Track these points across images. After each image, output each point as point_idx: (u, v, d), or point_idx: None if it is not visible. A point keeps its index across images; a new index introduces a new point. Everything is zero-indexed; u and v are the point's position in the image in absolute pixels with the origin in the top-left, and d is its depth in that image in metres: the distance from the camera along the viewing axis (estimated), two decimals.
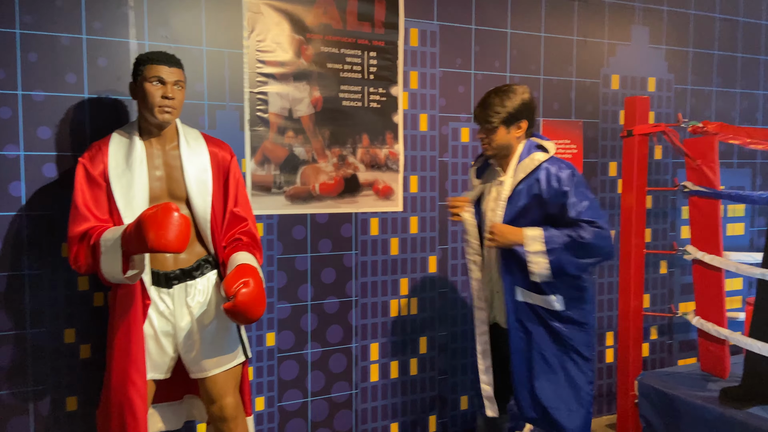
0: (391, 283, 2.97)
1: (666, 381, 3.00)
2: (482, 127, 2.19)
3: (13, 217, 2.25)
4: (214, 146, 2.20)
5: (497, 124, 2.15)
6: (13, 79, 2.24)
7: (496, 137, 2.17)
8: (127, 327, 2.01)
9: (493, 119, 2.14)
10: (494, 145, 2.18)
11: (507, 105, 2.13)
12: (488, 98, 2.17)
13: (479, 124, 2.21)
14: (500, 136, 2.16)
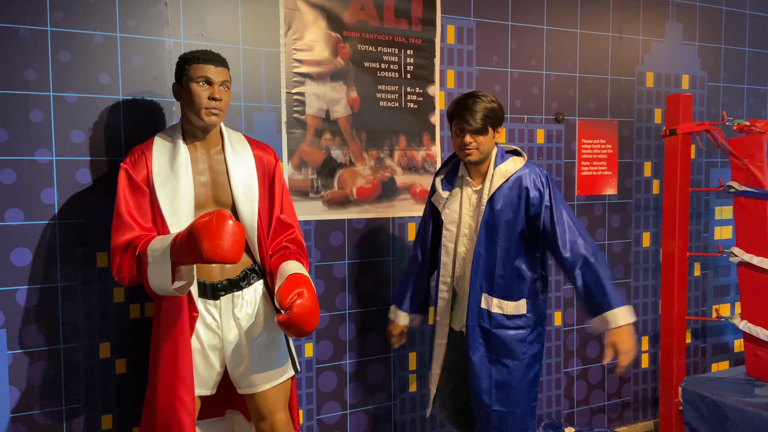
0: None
1: (712, 387, 2.92)
2: (469, 131, 2.09)
3: (45, 226, 2.13)
4: (259, 150, 2.09)
5: (487, 125, 2.09)
6: (44, 80, 2.11)
7: (484, 141, 2.10)
8: (173, 341, 1.90)
9: (483, 121, 2.07)
10: (482, 149, 2.11)
11: (490, 108, 2.09)
12: (470, 101, 2.09)
13: (466, 127, 2.08)
14: (488, 140, 2.11)
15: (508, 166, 2.14)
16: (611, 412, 3.40)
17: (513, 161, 2.16)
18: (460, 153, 2.15)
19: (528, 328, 2.17)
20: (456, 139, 2.14)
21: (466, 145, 2.10)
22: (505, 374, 2.16)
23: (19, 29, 2.08)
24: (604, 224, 3.31)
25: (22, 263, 2.11)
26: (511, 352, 2.16)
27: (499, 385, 2.17)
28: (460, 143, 2.12)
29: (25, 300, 2.12)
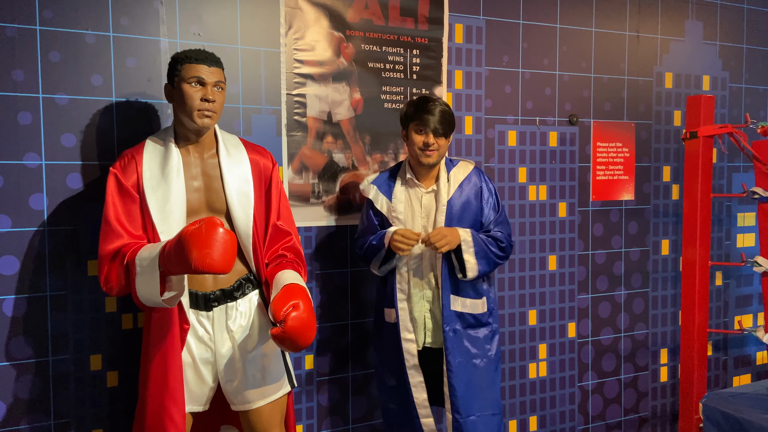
0: None
1: (734, 403, 2.77)
2: (433, 133, 2.12)
3: (33, 233, 2.05)
4: (255, 153, 1.99)
5: (447, 130, 2.16)
6: (33, 81, 2.03)
7: (444, 144, 2.18)
8: (163, 354, 1.80)
9: (444, 125, 2.14)
10: (441, 152, 2.18)
11: (449, 113, 2.17)
12: (431, 105, 2.14)
13: (430, 129, 2.12)
14: (446, 144, 2.19)
15: (460, 169, 2.25)
16: (628, 428, 3.26)
17: (463, 165, 2.27)
18: (420, 154, 2.16)
19: (491, 325, 2.26)
20: (417, 139, 2.14)
21: (429, 146, 2.12)
22: (479, 375, 2.19)
23: (6, 28, 2.00)
24: (620, 231, 3.18)
25: (9, 272, 2.02)
26: (481, 350, 2.20)
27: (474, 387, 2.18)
28: (422, 143, 2.13)
29: (12, 310, 2.03)
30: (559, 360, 3.05)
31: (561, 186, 3.01)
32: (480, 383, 2.19)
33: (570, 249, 3.05)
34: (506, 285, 2.90)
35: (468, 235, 2.14)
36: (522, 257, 2.93)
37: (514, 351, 2.94)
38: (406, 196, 2.23)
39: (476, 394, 2.18)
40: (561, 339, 3.06)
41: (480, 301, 2.22)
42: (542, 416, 3.02)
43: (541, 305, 2.99)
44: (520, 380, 2.96)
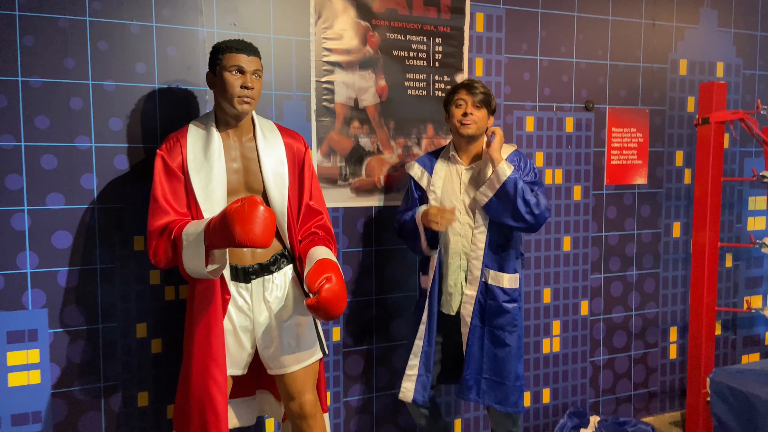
0: None
1: (741, 378, 2.89)
2: (472, 103, 2.25)
3: (84, 210, 2.22)
4: (289, 137, 2.14)
5: (485, 103, 2.27)
6: (83, 69, 2.19)
7: (481, 117, 2.27)
8: (207, 322, 1.96)
9: (483, 96, 2.26)
10: (479, 125, 2.27)
11: (488, 92, 2.28)
12: (474, 82, 2.29)
13: (470, 99, 2.25)
14: (483, 118, 2.28)
15: (504, 149, 2.33)
16: (637, 402, 3.40)
17: (506, 147, 2.36)
18: (459, 126, 2.28)
19: (519, 301, 2.36)
20: (456, 112, 2.28)
21: (467, 116, 2.25)
22: (502, 345, 2.32)
23: (59, 19, 2.15)
24: (633, 214, 3.29)
25: (63, 246, 2.20)
26: (508, 324, 2.31)
27: (494, 356, 2.32)
28: (461, 114, 2.27)
29: (65, 281, 2.21)
30: (572, 336, 3.19)
31: (576, 170, 3.13)
32: (502, 353, 2.32)
33: (584, 231, 3.17)
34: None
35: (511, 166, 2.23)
36: (537, 238, 3.06)
37: (529, 327, 3.08)
38: (447, 172, 2.34)
39: (498, 361, 2.31)
40: (574, 316, 3.19)
41: (513, 277, 2.33)
42: (555, 389, 3.17)
43: (555, 284, 3.13)
44: (534, 355, 3.10)
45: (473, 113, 2.25)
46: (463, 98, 2.27)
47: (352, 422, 2.74)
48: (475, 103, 2.26)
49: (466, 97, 2.27)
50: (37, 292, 2.17)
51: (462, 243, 2.32)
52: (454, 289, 2.36)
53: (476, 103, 2.26)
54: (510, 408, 2.34)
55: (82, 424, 2.26)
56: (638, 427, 3.10)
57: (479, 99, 2.26)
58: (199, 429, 1.99)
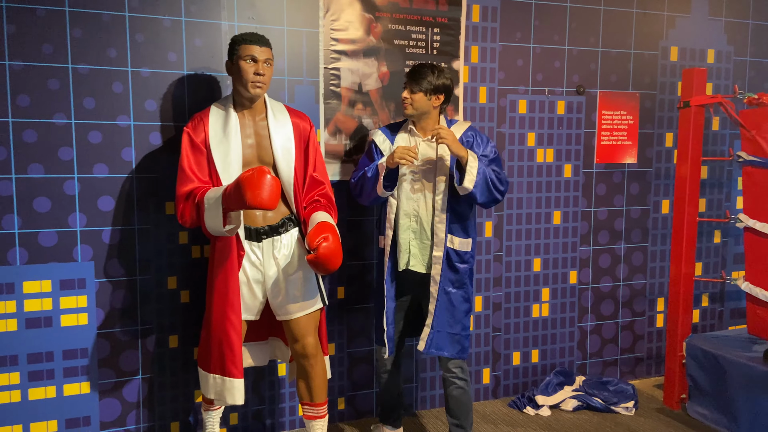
0: None
1: (713, 342, 3.15)
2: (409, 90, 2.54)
3: (125, 179, 2.61)
4: (296, 117, 2.47)
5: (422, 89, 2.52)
6: (123, 58, 2.56)
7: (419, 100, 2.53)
8: (225, 274, 2.33)
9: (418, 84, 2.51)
10: (415, 105, 2.54)
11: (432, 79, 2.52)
12: (416, 68, 2.55)
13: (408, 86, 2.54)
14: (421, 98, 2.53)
15: (459, 126, 2.64)
16: (624, 366, 3.67)
17: (461, 123, 2.67)
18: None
19: (471, 262, 2.65)
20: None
21: (404, 100, 2.56)
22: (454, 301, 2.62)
23: (103, 14, 2.52)
24: (622, 191, 3.54)
25: (106, 209, 2.59)
26: (463, 284, 2.63)
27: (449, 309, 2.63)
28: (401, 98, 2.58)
29: (109, 238, 2.61)
30: (561, 303, 3.48)
31: (567, 149, 3.39)
32: (454, 307, 2.62)
33: (574, 206, 3.44)
34: (513, 235, 3.33)
35: (476, 157, 2.49)
36: (529, 212, 3.35)
37: (519, 293, 3.38)
38: (407, 142, 2.62)
39: (450, 314, 2.62)
40: (563, 285, 3.47)
41: (467, 241, 2.61)
42: (543, 350, 3.47)
43: (546, 254, 3.41)
44: (524, 318, 3.40)
45: (408, 97, 2.53)
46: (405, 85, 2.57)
47: (354, 370, 3.10)
48: (412, 89, 2.53)
49: (407, 84, 2.56)
50: (85, 248, 2.58)
51: (413, 206, 2.61)
52: (403, 247, 2.64)
53: (413, 89, 2.52)
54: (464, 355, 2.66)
55: (122, 360, 2.67)
56: (620, 386, 3.38)
57: (410, 86, 2.53)
58: (218, 363, 2.37)
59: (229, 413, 2.86)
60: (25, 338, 2.51)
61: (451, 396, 2.69)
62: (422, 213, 2.61)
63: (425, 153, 2.60)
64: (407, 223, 2.63)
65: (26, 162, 2.47)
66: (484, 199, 2.53)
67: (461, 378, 2.67)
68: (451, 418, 2.72)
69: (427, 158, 2.59)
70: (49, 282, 2.53)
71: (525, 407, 3.27)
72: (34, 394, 2.54)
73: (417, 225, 2.62)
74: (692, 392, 3.20)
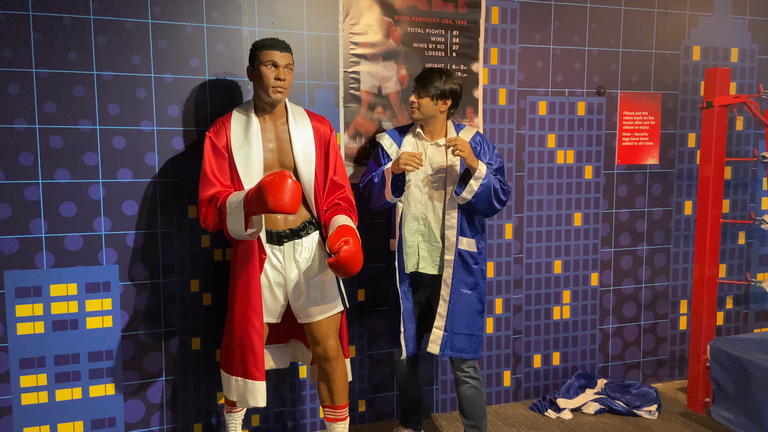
0: None
1: (737, 345, 3.11)
2: (417, 94, 2.56)
3: (148, 183, 2.64)
4: (317, 121, 2.49)
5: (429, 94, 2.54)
6: (147, 64, 2.60)
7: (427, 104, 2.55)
8: (246, 277, 2.35)
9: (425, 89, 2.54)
10: (422, 110, 2.57)
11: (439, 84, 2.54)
12: (424, 72, 2.58)
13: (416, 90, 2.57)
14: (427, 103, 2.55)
15: (467, 132, 2.66)
16: (646, 369, 3.63)
17: (469, 128, 2.68)
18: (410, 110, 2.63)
19: (483, 262, 2.68)
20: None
21: (412, 104, 2.58)
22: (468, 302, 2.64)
23: (126, 21, 2.56)
24: (644, 192, 3.50)
25: (131, 213, 2.63)
26: (476, 284, 2.64)
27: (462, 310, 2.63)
28: (410, 101, 2.61)
29: (133, 242, 2.65)
30: (582, 305, 3.45)
31: (588, 151, 3.37)
32: (469, 309, 2.63)
33: (595, 207, 3.42)
34: (534, 237, 3.31)
35: (485, 168, 2.50)
36: (549, 214, 3.33)
37: (540, 295, 3.36)
38: (414, 146, 2.65)
39: (465, 316, 2.62)
40: (584, 287, 3.45)
41: (474, 242, 2.63)
42: (565, 353, 3.45)
43: (566, 256, 3.39)
44: (545, 320, 3.39)
45: (416, 101, 2.56)
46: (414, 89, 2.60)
47: (375, 373, 3.11)
48: (419, 93, 2.55)
49: (415, 88, 2.59)
50: (110, 251, 2.62)
51: (421, 209, 2.62)
52: (411, 250, 2.65)
53: (420, 93, 2.55)
54: (478, 356, 2.68)
55: (146, 362, 2.71)
56: (642, 389, 3.34)
57: (417, 90, 2.56)
58: (240, 366, 2.39)
59: (251, 415, 2.89)
60: (52, 340, 2.56)
61: (465, 396, 2.69)
62: (430, 216, 2.63)
63: (432, 157, 2.62)
64: (415, 226, 2.65)
65: (53, 167, 2.52)
66: (484, 208, 2.56)
67: (474, 377, 2.68)
68: (466, 420, 2.73)
69: (435, 162, 2.61)
70: (75, 285, 2.58)
71: (546, 410, 3.25)
72: (61, 396, 2.59)
73: (425, 228, 2.64)
74: (716, 396, 3.16)
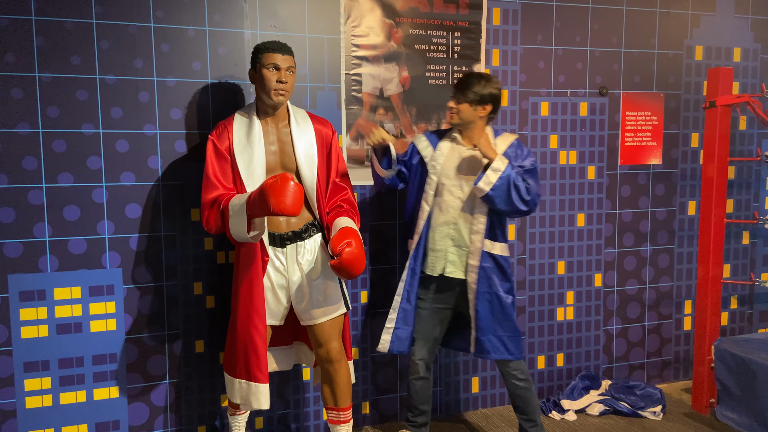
0: None
1: (742, 346, 3.09)
2: (455, 100, 2.56)
3: (151, 186, 2.65)
4: (319, 124, 2.49)
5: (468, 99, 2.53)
6: (149, 68, 2.61)
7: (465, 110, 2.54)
8: (249, 280, 2.36)
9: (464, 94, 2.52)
10: (461, 115, 2.56)
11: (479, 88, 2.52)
12: (463, 78, 2.56)
13: (454, 95, 2.57)
14: (466, 108, 2.54)
15: (505, 138, 2.63)
16: (651, 370, 3.62)
17: (506, 135, 2.65)
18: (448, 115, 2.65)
19: (509, 266, 2.67)
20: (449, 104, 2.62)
21: (450, 109, 2.58)
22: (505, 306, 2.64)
23: (129, 26, 2.57)
24: (647, 192, 3.49)
25: (134, 216, 2.64)
26: (510, 287, 2.64)
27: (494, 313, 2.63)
28: (448, 106, 2.61)
29: (136, 245, 2.65)
30: (586, 306, 3.45)
31: (590, 151, 3.36)
32: (505, 311, 2.63)
33: (598, 208, 3.41)
34: (537, 238, 3.31)
35: (506, 164, 2.46)
36: (552, 214, 3.32)
37: (543, 296, 3.36)
38: (450, 150, 2.63)
39: (496, 318, 2.62)
40: (588, 288, 3.44)
41: (506, 246, 2.65)
42: (569, 354, 3.44)
43: (570, 257, 3.38)
44: (549, 322, 3.38)
45: (454, 106, 2.56)
46: (452, 94, 2.59)
47: (378, 374, 3.10)
48: (458, 99, 2.54)
49: (453, 93, 2.58)
50: (113, 254, 2.62)
51: (452, 214, 2.60)
52: (439, 254, 2.63)
53: (459, 99, 2.54)
54: (519, 356, 2.67)
55: (150, 365, 2.72)
56: (647, 390, 3.33)
57: (455, 95, 2.55)
58: (243, 368, 2.40)
59: (255, 417, 2.89)
60: (56, 344, 2.57)
61: (517, 396, 2.72)
62: (461, 221, 2.61)
63: (472, 163, 2.59)
64: (445, 231, 2.63)
65: (56, 171, 2.53)
66: (504, 206, 2.50)
67: (522, 378, 2.69)
68: (520, 414, 2.76)
69: (470, 167, 2.59)
70: (79, 288, 2.59)
71: (550, 411, 3.24)
72: (65, 399, 2.60)
73: (456, 233, 2.62)
74: (721, 396, 3.15)
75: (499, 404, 3.35)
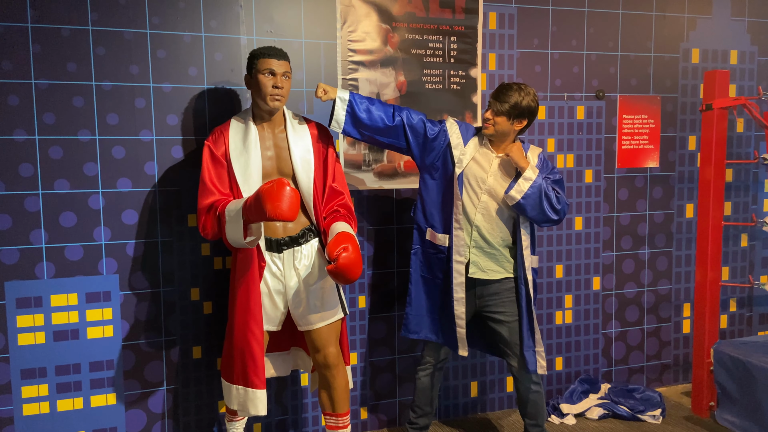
0: None
1: (741, 349, 3.08)
2: (494, 111, 2.54)
3: (148, 192, 2.65)
4: (315, 129, 2.49)
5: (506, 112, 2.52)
6: (146, 74, 2.61)
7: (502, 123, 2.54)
8: (246, 285, 2.35)
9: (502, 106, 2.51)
10: (498, 128, 2.55)
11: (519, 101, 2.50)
12: (502, 88, 2.53)
13: (493, 106, 2.54)
14: (503, 121, 2.54)
15: (534, 152, 2.65)
16: (650, 373, 3.61)
17: (534, 148, 2.66)
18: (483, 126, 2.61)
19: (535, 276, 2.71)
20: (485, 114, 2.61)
21: (486, 120, 2.57)
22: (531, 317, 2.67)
23: (124, 32, 2.58)
24: (645, 195, 3.49)
25: (130, 222, 2.64)
26: (537, 299, 2.64)
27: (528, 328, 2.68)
28: (484, 117, 2.60)
29: (133, 251, 2.65)
30: (584, 309, 3.44)
31: (587, 155, 3.36)
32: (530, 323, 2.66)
33: (595, 211, 3.41)
34: (535, 242, 3.29)
35: (536, 173, 2.49)
36: None
37: (542, 300, 3.35)
38: (479, 153, 2.60)
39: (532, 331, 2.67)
40: (586, 291, 3.44)
41: (536, 258, 2.71)
42: (567, 358, 3.43)
43: (568, 261, 3.38)
44: (547, 325, 3.37)
45: (491, 117, 2.54)
46: (488, 106, 2.58)
47: (376, 380, 3.09)
48: (496, 111, 2.52)
49: (491, 105, 2.56)
50: (110, 261, 2.62)
51: (479, 219, 2.59)
52: (462, 257, 2.61)
53: (497, 111, 2.52)
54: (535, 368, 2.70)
55: (147, 371, 2.71)
56: (646, 394, 3.32)
57: (494, 107, 2.52)
58: (241, 374, 2.39)
59: (253, 423, 2.88)
60: (53, 351, 2.56)
61: (530, 401, 2.74)
62: (485, 224, 2.60)
63: (506, 168, 2.59)
64: (468, 231, 2.62)
65: (52, 178, 2.52)
66: (535, 213, 2.52)
67: (535, 382, 2.72)
68: (528, 420, 2.78)
69: (500, 174, 2.59)
70: (76, 295, 2.58)
71: (549, 416, 3.23)
72: (62, 406, 2.59)
73: (478, 235, 2.61)
74: (721, 399, 3.14)
75: (498, 408, 3.34)
